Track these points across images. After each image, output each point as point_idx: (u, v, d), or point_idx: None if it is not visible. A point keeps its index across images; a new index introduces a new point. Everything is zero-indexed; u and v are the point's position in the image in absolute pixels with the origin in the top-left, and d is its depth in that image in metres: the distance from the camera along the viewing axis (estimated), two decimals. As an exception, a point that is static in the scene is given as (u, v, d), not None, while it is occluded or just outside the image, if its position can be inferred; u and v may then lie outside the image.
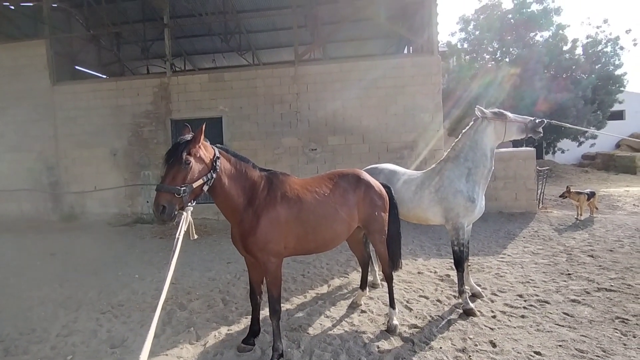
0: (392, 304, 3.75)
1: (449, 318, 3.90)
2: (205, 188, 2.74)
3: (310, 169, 9.56)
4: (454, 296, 4.46)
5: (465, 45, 21.41)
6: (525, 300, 4.27)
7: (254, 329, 3.45)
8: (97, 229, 9.63)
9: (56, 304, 4.59)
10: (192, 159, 2.62)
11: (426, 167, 9.04)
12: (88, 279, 5.56)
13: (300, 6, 10.56)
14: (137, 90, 10.40)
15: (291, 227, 3.08)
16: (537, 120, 4.25)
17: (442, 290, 4.71)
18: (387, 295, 3.85)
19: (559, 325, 3.67)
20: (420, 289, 4.76)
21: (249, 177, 3.02)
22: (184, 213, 2.56)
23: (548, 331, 3.55)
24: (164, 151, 9.76)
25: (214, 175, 2.76)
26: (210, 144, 2.97)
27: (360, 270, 4.35)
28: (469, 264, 4.64)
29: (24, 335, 3.82)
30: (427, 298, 4.46)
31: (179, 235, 2.42)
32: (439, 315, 3.97)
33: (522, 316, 3.89)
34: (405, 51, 14.56)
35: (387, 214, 3.74)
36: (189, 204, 2.61)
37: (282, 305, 4.29)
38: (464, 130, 4.43)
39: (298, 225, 3.11)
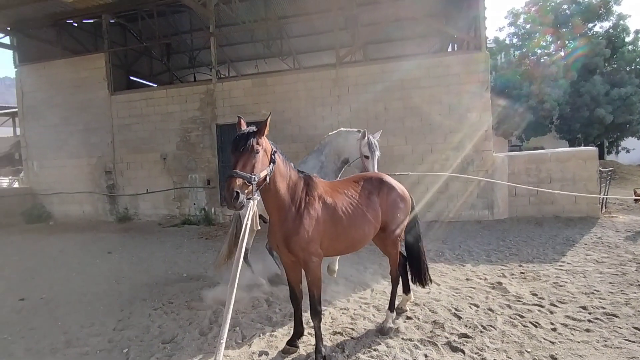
0: (391, 308, 3.76)
1: (502, 329, 3.65)
2: (268, 179, 2.76)
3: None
4: (508, 306, 4.18)
5: (515, 40, 20.36)
6: (589, 313, 3.90)
7: (298, 330, 3.45)
8: (149, 229, 10.17)
9: (113, 300, 4.87)
10: (260, 149, 2.65)
11: (471, 168, 8.72)
12: (141, 277, 5.86)
13: (341, 8, 10.54)
14: (185, 97, 10.90)
15: (327, 228, 3.14)
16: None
17: (493, 299, 4.42)
18: (432, 301, 3.69)
19: (630, 340, 3.31)
20: (470, 297, 4.51)
21: (292, 176, 3.06)
22: (251, 202, 2.56)
23: (617, 347, 3.22)
24: (210, 155, 10.16)
25: (273, 168, 2.78)
26: None
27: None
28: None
29: (84, 328, 4.08)
30: (477, 306, 4.20)
31: (246, 226, 2.40)
32: (491, 325, 3.73)
33: (587, 330, 3.55)
34: (450, 49, 14.06)
35: (407, 218, 3.74)
36: (257, 195, 2.63)
37: (325, 307, 4.27)
38: (341, 129, 5.12)
39: (331, 226, 3.16)
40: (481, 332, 3.61)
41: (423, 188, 8.69)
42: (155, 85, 15.30)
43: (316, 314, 3.12)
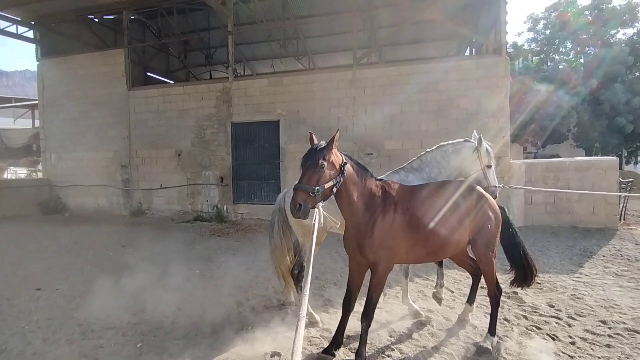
0: (492, 331, 3.50)
1: (519, 340, 3.58)
2: (334, 190, 2.95)
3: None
4: (524, 316, 4.11)
5: (533, 46, 20.05)
6: (609, 328, 3.80)
7: (338, 340, 3.39)
8: (162, 224, 10.27)
9: (127, 293, 4.90)
10: (325, 163, 2.87)
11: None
12: (154, 271, 5.87)
13: (359, 10, 10.50)
14: (201, 95, 10.98)
15: (404, 234, 3.17)
16: (496, 193, 4.01)
17: (509, 309, 4.36)
18: (446, 309, 3.63)
19: (654, 359, 3.21)
20: (484, 305, 4.42)
21: (367, 184, 3.17)
22: (317, 209, 2.82)
23: (641, 365, 3.12)
24: (224, 152, 10.19)
25: (342, 179, 2.96)
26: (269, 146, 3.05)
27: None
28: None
29: (99, 320, 4.12)
30: (492, 316, 4.13)
31: (314, 230, 2.63)
32: (507, 336, 3.66)
33: (608, 345, 3.47)
34: (467, 53, 13.90)
35: (499, 231, 3.55)
36: (320, 203, 2.87)
37: (335, 310, 4.26)
38: (442, 143, 4.12)
39: (409, 233, 3.19)
40: (497, 342, 3.54)
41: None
42: (171, 82, 15.48)
43: (367, 317, 3.17)
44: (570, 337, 3.63)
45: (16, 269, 6.12)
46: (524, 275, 3.71)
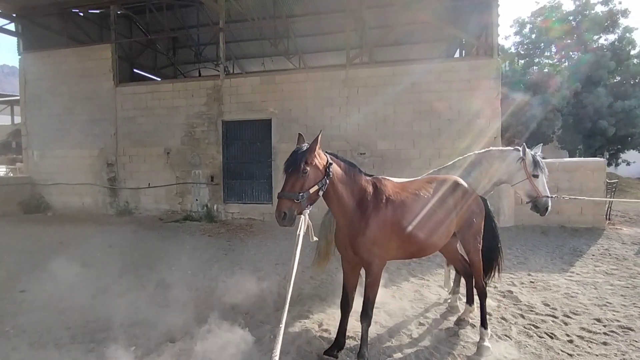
0: (484, 324, 3.47)
1: (518, 339, 3.59)
2: (320, 193, 2.85)
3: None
4: (521, 315, 4.13)
5: (520, 49, 20.40)
6: (604, 326, 3.86)
7: (340, 341, 3.34)
8: (150, 224, 10.04)
9: (117, 295, 4.76)
10: (309, 168, 2.76)
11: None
12: (145, 272, 5.74)
13: (352, 10, 10.47)
14: (191, 92, 10.78)
15: (395, 230, 3.12)
16: (549, 203, 4.25)
17: (505, 308, 4.38)
18: (444, 308, 3.61)
19: (649, 356, 3.26)
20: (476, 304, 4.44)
21: (356, 181, 3.10)
22: (302, 216, 2.71)
23: (637, 362, 3.17)
24: (214, 151, 10.00)
25: (328, 181, 2.87)
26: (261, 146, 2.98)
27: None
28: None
29: (89, 323, 3.98)
30: (489, 314, 4.12)
31: (299, 237, 2.55)
32: (506, 335, 3.68)
33: (604, 343, 3.51)
34: (457, 55, 14.04)
35: (483, 223, 3.62)
36: (307, 208, 2.75)
37: (334, 311, 4.20)
38: (492, 147, 4.36)
39: (400, 228, 3.14)
40: (497, 341, 3.55)
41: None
42: (158, 79, 15.16)
43: (366, 317, 3.11)
44: (568, 335, 3.67)
45: (-2, 270, 5.88)
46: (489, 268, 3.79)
